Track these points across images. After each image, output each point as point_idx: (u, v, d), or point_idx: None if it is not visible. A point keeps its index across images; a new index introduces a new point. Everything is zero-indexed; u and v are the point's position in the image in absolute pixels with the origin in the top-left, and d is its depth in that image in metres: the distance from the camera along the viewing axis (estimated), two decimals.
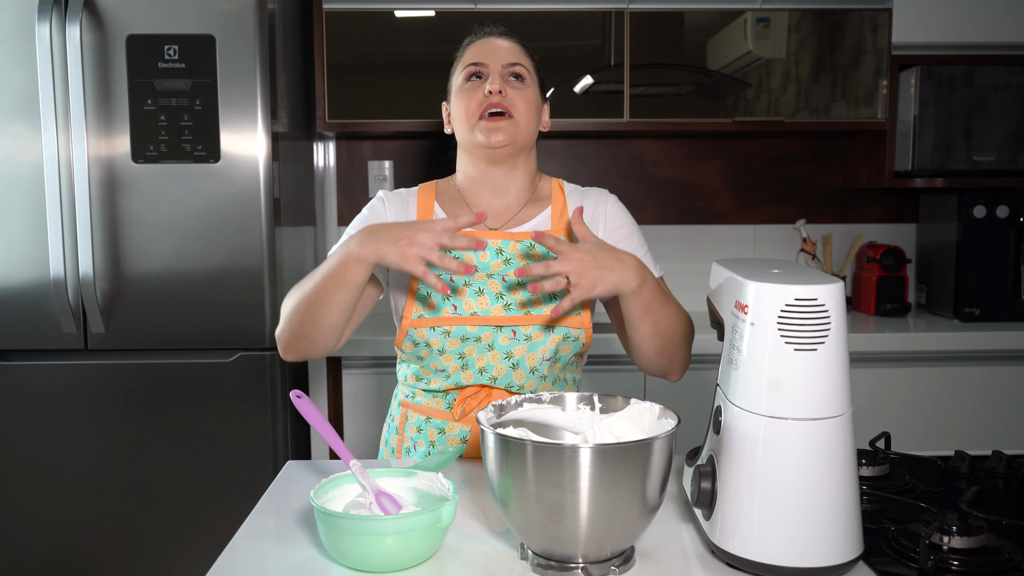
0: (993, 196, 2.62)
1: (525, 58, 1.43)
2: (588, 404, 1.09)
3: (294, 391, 1.12)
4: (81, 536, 2.25)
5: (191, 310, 2.20)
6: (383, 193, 1.47)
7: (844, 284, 1.05)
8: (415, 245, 1.17)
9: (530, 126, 1.41)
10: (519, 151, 1.42)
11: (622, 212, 1.47)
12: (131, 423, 2.22)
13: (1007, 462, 1.26)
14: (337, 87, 2.55)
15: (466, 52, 1.44)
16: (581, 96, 2.59)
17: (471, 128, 1.39)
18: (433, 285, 1.18)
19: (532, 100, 1.40)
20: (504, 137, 1.37)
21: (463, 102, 1.40)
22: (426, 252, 1.17)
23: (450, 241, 1.18)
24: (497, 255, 1.40)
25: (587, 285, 1.18)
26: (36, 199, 2.15)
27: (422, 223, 1.20)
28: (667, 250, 2.97)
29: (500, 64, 1.39)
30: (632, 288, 1.21)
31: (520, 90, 1.40)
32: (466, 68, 1.41)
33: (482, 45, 1.43)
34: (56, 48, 2.10)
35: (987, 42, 2.61)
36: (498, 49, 1.41)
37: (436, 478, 1.06)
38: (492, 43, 1.42)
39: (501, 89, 1.37)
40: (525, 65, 1.42)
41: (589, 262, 1.19)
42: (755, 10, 2.55)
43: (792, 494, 0.91)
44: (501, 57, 1.40)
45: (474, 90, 1.39)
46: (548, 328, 1.36)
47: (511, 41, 1.44)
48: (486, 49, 1.41)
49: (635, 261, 1.23)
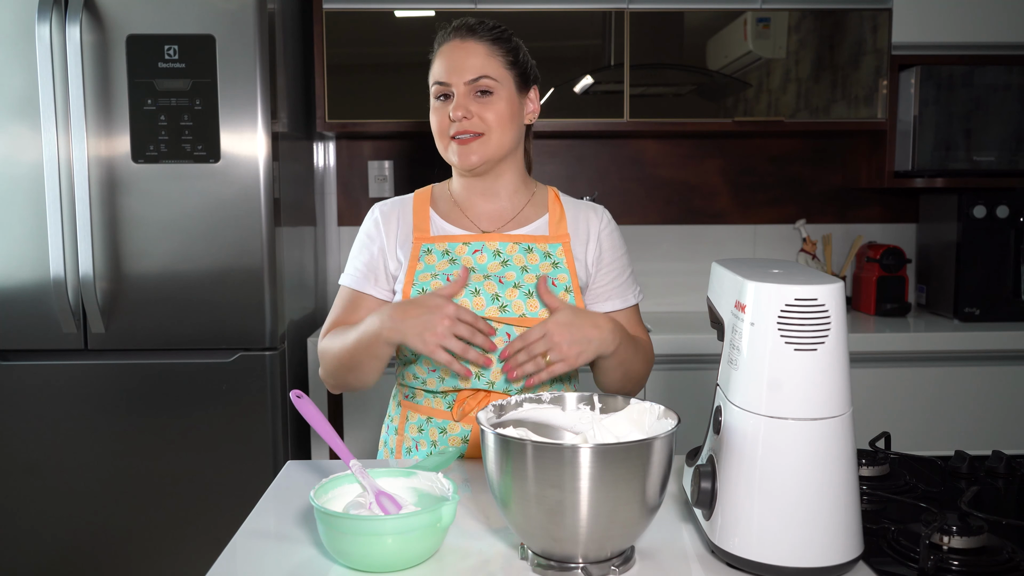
0: (993, 196, 2.62)
1: (494, 60, 1.37)
2: (588, 404, 1.09)
3: (294, 391, 1.12)
4: (81, 536, 2.25)
5: (191, 310, 2.20)
6: (378, 211, 1.47)
7: (844, 284, 1.05)
8: (436, 336, 1.22)
9: (504, 137, 1.38)
10: (498, 162, 1.41)
11: (614, 233, 1.48)
12: (131, 423, 2.22)
13: (1007, 462, 1.26)
14: (337, 87, 2.55)
15: (435, 60, 1.40)
16: (581, 96, 2.59)
17: (444, 148, 1.40)
18: (459, 372, 1.25)
19: (502, 111, 1.37)
20: (476, 158, 1.37)
21: (435, 120, 1.40)
22: (446, 342, 1.23)
23: (469, 335, 1.24)
24: (494, 257, 1.40)
25: (571, 359, 1.25)
26: (36, 199, 2.15)
27: (439, 307, 1.23)
28: (667, 250, 2.97)
29: (463, 81, 1.35)
30: (611, 351, 1.29)
31: (488, 105, 1.36)
32: (434, 85, 1.39)
33: (447, 54, 1.38)
34: (56, 48, 2.10)
35: (987, 42, 2.61)
36: (461, 60, 1.36)
37: (436, 478, 1.06)
38: (457, 54, 1.37)
39: (465, 114, 1.35)
40: (492, 74, 1.36)
41: (567, 335, 1.25)
42: (755, 10, 2.55)
43: (792, 494, 0.91)
44: (464, 72, 1.35)
45: (442, 109, 1.38)
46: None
47: (477, 40, 1.37)
48: (450, 62, 1.36)
49: (609, 323, 1.29)
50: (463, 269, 1.35)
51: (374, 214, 1.47)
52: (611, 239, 1.46)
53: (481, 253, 1.40)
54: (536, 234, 1.43)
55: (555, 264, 1.40)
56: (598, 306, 1.44)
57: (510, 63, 1.39)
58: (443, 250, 1.41)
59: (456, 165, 1.40)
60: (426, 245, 1.41)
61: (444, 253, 1.40)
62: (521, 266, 1.39)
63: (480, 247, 1.41)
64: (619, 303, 1.45)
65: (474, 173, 1.41)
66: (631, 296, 1.47)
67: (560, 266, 1.40)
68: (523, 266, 1.39)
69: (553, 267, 1.40)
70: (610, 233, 1.46)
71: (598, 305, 1.44)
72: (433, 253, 1.40)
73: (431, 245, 1.41)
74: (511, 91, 1.39)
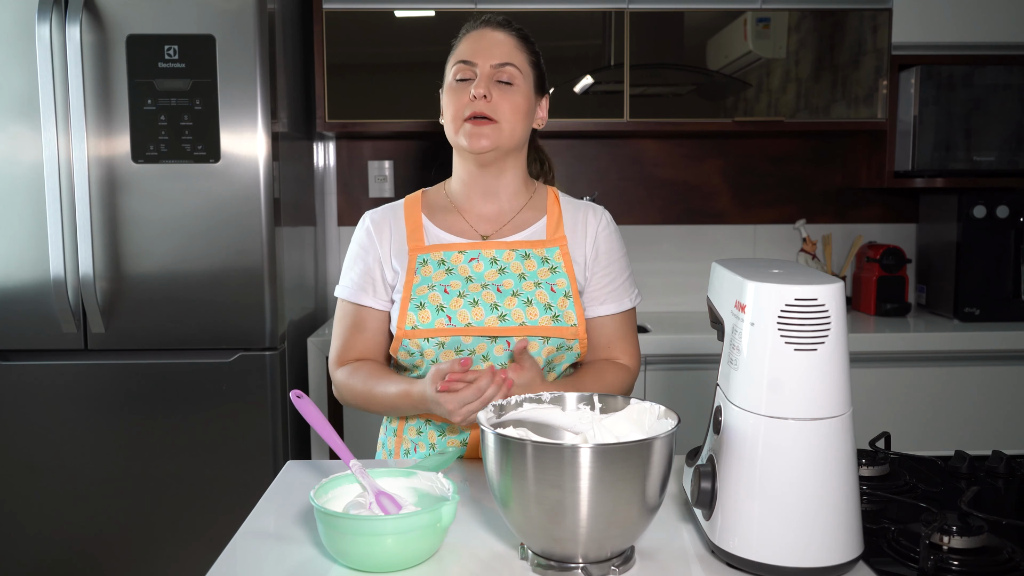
0: (993, 196, 2.62)
1: (520, 54, 1.39)
2: (588, 404, 1.09)
3: (294, 391, 1.12)
4: (81, 536, 2.25)
5: (191, 310, 2.20)
6: (369, 220, 1.45)
7: (844, 284, 1.05)
8: (457, 417, 1.22)
9: (516, 130, 1.38)
10: (505, 154, 1.40)
11: (612, 235, 1.46)
12: (131, 423, 2.22)
13: (1007, 462, 1.26)
14: (337, 87, 2.55)
15: (461, 43, 1.41)
16: (581, 96, 2.59)
17: (456, 130, 1.38)
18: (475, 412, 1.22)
19: (519, 104, 1.37)
20: (487, 143, 1.36)
21: (451, 101, 1.38)
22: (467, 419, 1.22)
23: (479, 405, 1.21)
24: (491, 264, 1.39)
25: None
26: (36, 199, 2.15)
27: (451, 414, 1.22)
28: (667, 250, 2.97)
29: (489, 64, 1.36)
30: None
31: (507, 94, 1.36)
32: (456, 64, 1.38)
33: (476, 38, 1.38)
34: (56, 48, 2.10)
35: (987, 42, 2.61)
36: (490, 45, 1.37)
37: (436, 478, 1.06)
38: (486, 37, 1.38)
39: (486, 94, 1.34)
40: (517, 64, 1.38)
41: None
42: (755, 10, 2.55)
43: (792, 494, 0.91)
44: (492, 55, 1.36)
45: (461, 91, 1.37)
46: (543, 339, 1.35)
47: (507, 33, 1.39)
48: (478, 45, 1.37)
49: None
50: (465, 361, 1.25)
51: (365, 223, 1.45)
52: (609, 241, 1.44)
53: (478, 261, 1.39)
54: (533, 239, 1.42)
55: (553, 269, 1.39)
56: (593, 309, 1.42)
57: (533, 63, 1.41)
58: (439, 259, 1.39)
59: (466, 148, 1.37)
60: (422, 256, 1.39)
61: (440, 263, 1.39)
62: (519, 273, 1.38)
63: (476, 255, 1.39)
64: (613, 307, 1.43)
65: (480, 162, 1.40)
66: (627, 300, 1.44)
67: (558, 270, 1.39)
68: (520, 273, 1.38)
69: (551, 272, 1.39)
70: (608, 235, 1.44)
71: (593, 308, 1.42)
72: (429, 264, 1.39)
73: (427, 256, 1.39)
74: (530, 88, 1.40)
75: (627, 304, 1.45)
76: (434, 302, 1.35)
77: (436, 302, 1.35)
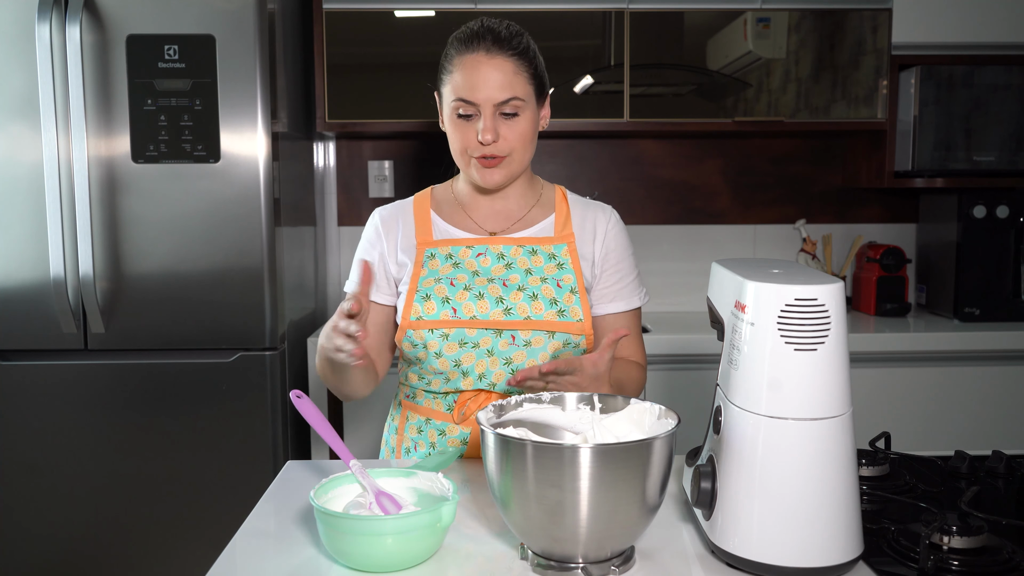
0: (993, 196, 2.62)
1: (520, 78, 1.33)
2: (588, 404, 1.09)
3: (294, 391, 1.12)
4: (81, 536, 2.25)
5: (191, 310, 2.20)
6: (379, 216, 1.46)
7: (844, 284, 1.05)
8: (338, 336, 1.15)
9: (526, 155, 1.38)
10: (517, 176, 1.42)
11: (621, 234, 1.46)
12: (131, 423, 2.22)
13: (1007, 462, 1.26)
14: (337, 87, 2.55)
15: (456, 71, 1.33)
16: (581, 96, 2.59)
17: (466, 164, 1.38)
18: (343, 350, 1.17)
19: (526, 132, 1.35)
20: (500, 179, 1.37)
21: (456, 136, 1.36)
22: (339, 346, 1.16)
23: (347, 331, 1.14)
24: (498, 260, 1.40)
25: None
26: (36, 199, 2.15)
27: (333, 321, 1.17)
28: (667, 250, 2.97)
29: (492, 103, 1.31)
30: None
31: (514, 126, 1.34)
32: (455, 101, 1.33)
33: (472, 69, 1.31)
34: (56, 48, 2.10)
35: (987, 42, 2.61)
36: (489, 78, 1.31)
37: (436, 478, 1.06)
38: (482, 68, 1.31)
39: (495, 138, 1.32)
40: (520, 94, 1.32)
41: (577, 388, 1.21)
42: (755, 10, 2.55)
43: (792, 494, 0.91)
44: (493, 94, 1.31)
45: (466, 127, 1.34)
46: (548, 333, 1.35)
47: (504, 56, 1.32)
48: (476, 78, 1.31)
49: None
50: (363, 264, 1.20)
51: (375, 220, 1.46)
52: (618, 239, 1.45)
53: (485, 256, 1.40)
54: (541, 235, 1.43)
55: (560, 265, 1.40)
56: (602, 307, 1.43)
57: (532, 76, 1.35)
58: (446, 254, 1.40)
59: (479, 183, 1.38)
60: (429, 250, 1.41)
61: (447, 257, 1.40)
62: (525, 268, 1.39)
63: (484, 250, 1.40)
64: (623, 305, 1.44)
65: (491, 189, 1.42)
66: (636, 299, 1.46)
67: (565, 267, 1.40)
68: (527, 268, 1.39)
69: (558, 268, 1.40)
70: (617, 234, 1.45)
71: (602, 306, 1.43)
72: (436, 258, 1.40)
73: (434, 250, 1.41)
74: (533, 108, 1.37)
75: (636, 302, 1.46)
76: (440, 294, 1.35)
77: (442, 294, 1.35)
